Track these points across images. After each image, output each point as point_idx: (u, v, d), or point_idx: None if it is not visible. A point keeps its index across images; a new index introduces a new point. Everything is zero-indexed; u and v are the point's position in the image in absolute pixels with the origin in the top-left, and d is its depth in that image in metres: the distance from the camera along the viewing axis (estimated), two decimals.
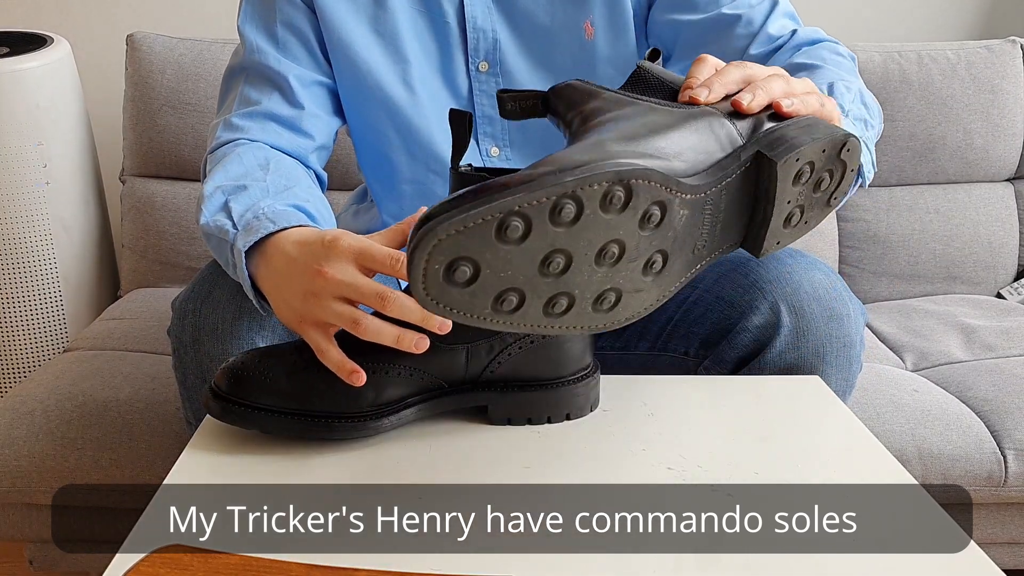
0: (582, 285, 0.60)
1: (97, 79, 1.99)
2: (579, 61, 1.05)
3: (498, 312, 0.59)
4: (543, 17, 1.05)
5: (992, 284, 1.88)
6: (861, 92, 0.93)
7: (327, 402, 0.74)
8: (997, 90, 1.83)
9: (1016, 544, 1.44)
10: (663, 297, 0.67)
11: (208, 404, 0.75)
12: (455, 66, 1.06)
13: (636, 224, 0.60)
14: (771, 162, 0.67)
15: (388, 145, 1.07)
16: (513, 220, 0.56)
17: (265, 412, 0.74)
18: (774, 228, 0.70)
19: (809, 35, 1.03)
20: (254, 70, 1.04)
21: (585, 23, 1.05)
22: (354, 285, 0.71)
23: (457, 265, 0.57)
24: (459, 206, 0.56)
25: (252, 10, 1.07)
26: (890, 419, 1.37)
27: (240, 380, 0.74)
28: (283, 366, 0.75)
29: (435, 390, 0.77)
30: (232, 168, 0.93)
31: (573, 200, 0.57)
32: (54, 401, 1.35)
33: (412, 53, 1.05)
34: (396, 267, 0.71)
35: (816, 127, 0.70)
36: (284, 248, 0.78)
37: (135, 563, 0.59)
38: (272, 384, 0.74)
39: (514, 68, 1.06)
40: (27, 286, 1.70)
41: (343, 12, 1.04)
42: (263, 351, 0.77)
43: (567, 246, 0.58)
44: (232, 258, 0.83)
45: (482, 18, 1.05)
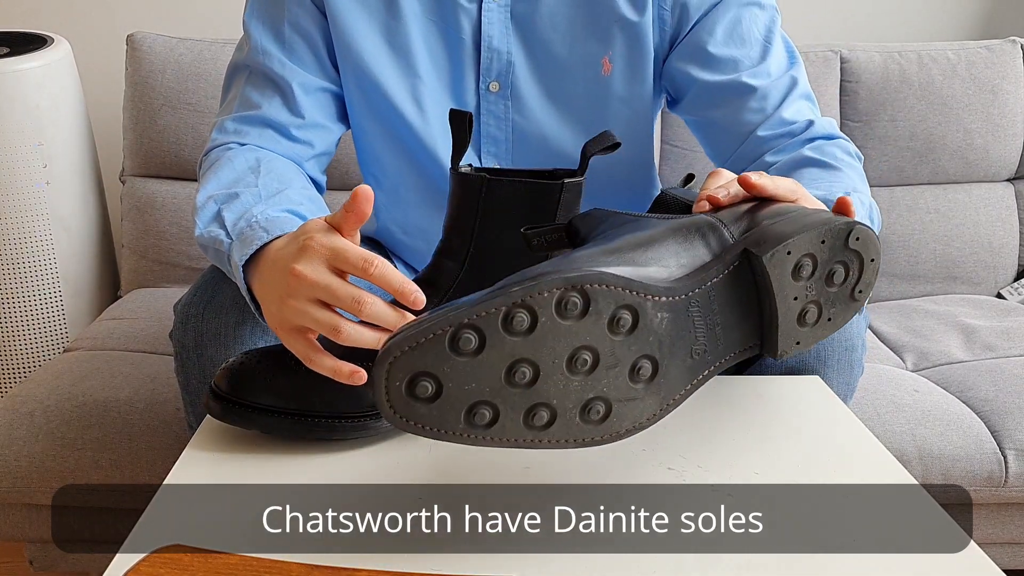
0: (559, 395, 0.59)
1: (97, 79, 1.99)
2: (593, 96, 1.03)
3: (472, 427, 0.58)
4: (561, 46, 1.02)
5: (992, 284, 1.88)
6: (871, 206, 0.91)
7: (327, 402, 0.74)
8: (997, 90, 1.83)
9: (1016, 544, 1.44)
10: (667, 406, 0.64)
11: (209, 404, 0.75)
12: (465, 83, 1.03)
13: (605, 329, 0.59)
14: (757, 257, 0.65)
15: (392, 154, 1.05)
16: (465, 332, 0.56)
17: (266, 412, 0.74)
18: (785, 327, 0.68)
19: (825, 129, 1.00)
20: (257, 71, 1.02)
21: (604, 58, 1.02)
22: (329, 288, 0.68)
23: (418, 380, 0.56)
24: (415, 324, 0.56)
25: (260, 7, 1.04)
26: (890, 419, 1.37)
27: (240, 380, 0.74)
28: (283, 366, 0.75)
29: None
30: (224, 175, 0.92)
31: (525, 309, 0.56)
32: (54, 401, 1.35)
33: (422, 66, 1.02)
34: (369, 270, 0.67)
35: (807, 217, 0.68)
36: (269, 255, 0.76)
37: (135, 563, 0.59)
38: (272, 384, 0.74)
39: (525, 93, 1.03)
40: (27, 286, 1.70)
41: (355, 18, 1.01)
42: (263, 351, 0.77)
43: (530, 355, 0.57)
44: (230, 268, 0.82)
45: (499, 38, 1.02)
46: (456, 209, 0.76)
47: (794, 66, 1.03)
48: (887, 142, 1.83)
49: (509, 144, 1.05)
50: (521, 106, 1.04)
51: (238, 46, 1.07)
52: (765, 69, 1.01)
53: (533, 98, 1.04)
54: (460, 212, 0.76)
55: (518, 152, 1.05)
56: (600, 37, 1.02)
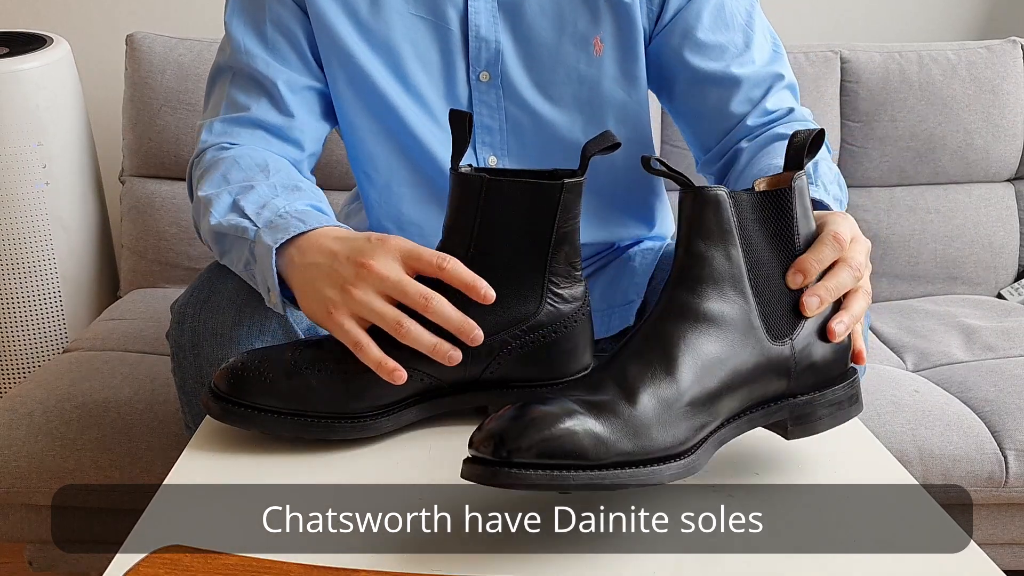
0: None
1: (97, 79, 1.99)
2: (586, 78, 1.03)
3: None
4: (550, 30, 1.02)
5: (992, 284, 1.88)
6: (838, 174, 0.94)
7: (327, 403, 0.74)
8: (997, 90, 1.83)
9: (1016, 544, 1.43)
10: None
11: (208, 405, 0.75)
12: (456, 74, 1.03)
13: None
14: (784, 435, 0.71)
15: (383, 149, 1.05)
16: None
17: (266, 413, 0.74)
18: None
19: (802, 115, 1.03)
20: (241, 72, 1.02)
21: (595, 39, 1.02)
22: (400, 283, 0.72)
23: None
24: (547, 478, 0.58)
25: (241, 7, 1.04)
26: (890, 419, 1.37)
27: (240, 381, 0.74)
28: (282, 366, 0.75)
29: (434, 391, 0.77)
30: (231, 172, 0.92)
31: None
32: (54, 401, 1.35)
33: (409, 59, 1.02)
34: (444, 266, 0.72)
35: (844, 414, 0.72)
36: (323, 243, 0.78)
37: (135, 563, 0.59)
38: (272, 385, 0.74)
39: (516, 80, 1.03)
40: (27, 286, 1.70)
41: (336, 14, 1.01)
42: (262, 352, 0.77)
43: None
44: (250, 255, 0.83)
45: (486, 27, 1.02)
46: (456, 210, 0.76)
47: (777, 56, 1.05)
48: (887, 142, 1.83)
49: (504, 133, 1.05)
50: (513, 94, 1.03)
51: (220, 48, 1.06)
52: (750, 57, 1.02)
53: (525, 86, 1.04)
54: (460, 213, 0.76)
55: (513, 141, 1.05)
56: (590, 18, 1.02)
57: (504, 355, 0.77)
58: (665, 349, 0.64)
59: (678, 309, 0.66)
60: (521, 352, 0.77)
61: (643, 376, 0.62)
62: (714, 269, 0.67)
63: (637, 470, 0.60)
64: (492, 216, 0.74)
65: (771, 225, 0.69)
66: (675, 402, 0.62)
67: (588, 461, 0.58)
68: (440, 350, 0.73)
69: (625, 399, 0.61)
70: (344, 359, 0.74)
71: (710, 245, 0.67)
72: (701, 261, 0.67)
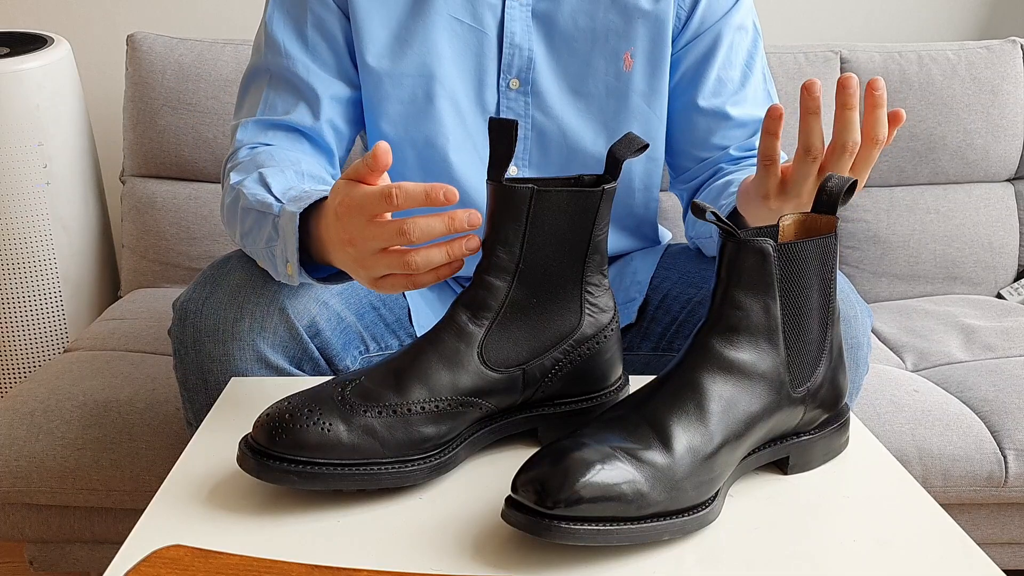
0: None
1: (97, 79, 1.99)
2: (613, 91, 1.04)
3: None
4: (583, 42, 1.03)
5: (992, 284, 1.88)
6: None
7: (391, 446, 0.68)
8: (997, 90, 1.83)
9: (1016, 544, 1.44)
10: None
11: (244, 462, 0.67)
12: (486, 80, 1.04)
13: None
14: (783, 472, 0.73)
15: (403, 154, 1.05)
16: None
17: (325, 467, 0.66)
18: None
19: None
20: (280, 75, 1.03)
21: (625, 54, 1.03)
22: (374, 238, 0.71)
23: None
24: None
25: (282, 6, 1.04)
26: (890, 419, 1.37)
27: (289, 433, 0.66)
28: (338, 412, 0.67)
29: (487, 418, 0.73)
30: (265, 165, 0.94)
31: None
32: (54, 401, 1.35)
33: (443, 63, 1.02)
34: (393, 202, 0.69)
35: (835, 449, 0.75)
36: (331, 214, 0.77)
37: (135, 563, 0.59)
38: (330, 435, 0.66)
39: (545, 89, 1.04)
40: (27, 286, 1.70)
41: (376, 17, 1.01)
42: (307, 394, 0.69)
43: None
44: (273, 230, 0.84)
45: (520, 34, 1.02)
46: (500, 223, 0.71)
47: (770, 100, 1.08)
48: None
49: (529, 141, 1.06)
50: (541, 103, 1.04)
51: (255, 47, 1.07)
52: (743, 96, 1.06)
53: (553, 95, 1.04)
54: (505, 226, 0.71)
55: (536, 150, 1.06)
56: (623, 32, 1.03)
57: (555, 373, 0.74)
58: (698, 401, 0.65)
59: (713, 359, 0.67)
60: (571, 368, 0.75)
61: (678, 425, 0.64)
62: (751, 322, 0.67)
63: (671, 522, 0.62)
64: (539, 228, 0.71)
65: (811, 274, 0.69)
66: (704, 450, 0.64)
67: (629, 515, 0.60)
68: (455, 247, 0.71)
69: (661, 447, 0.63)
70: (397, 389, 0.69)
71: (749, 296, 0.67)
72: (738, 312, 0.67)
